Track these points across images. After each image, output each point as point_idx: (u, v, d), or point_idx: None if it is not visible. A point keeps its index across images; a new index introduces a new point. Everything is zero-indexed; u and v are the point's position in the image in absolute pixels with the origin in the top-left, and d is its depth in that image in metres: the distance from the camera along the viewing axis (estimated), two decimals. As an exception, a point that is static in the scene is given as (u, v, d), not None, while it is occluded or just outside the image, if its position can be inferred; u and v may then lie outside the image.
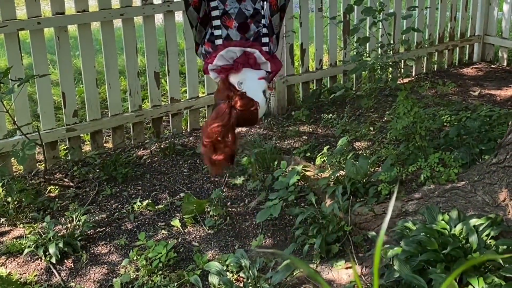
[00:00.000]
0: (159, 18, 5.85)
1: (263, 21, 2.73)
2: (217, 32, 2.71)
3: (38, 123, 4.65)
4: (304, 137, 5.04)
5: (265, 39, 2.73)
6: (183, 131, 5.26)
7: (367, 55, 4.84)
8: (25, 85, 4.32)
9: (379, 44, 4.82)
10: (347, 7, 4.98)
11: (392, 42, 5.50)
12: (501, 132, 4.27)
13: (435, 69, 6.66)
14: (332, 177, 4.02)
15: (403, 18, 4.63)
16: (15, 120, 4.30)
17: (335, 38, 5.92)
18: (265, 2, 2.72)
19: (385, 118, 5.20)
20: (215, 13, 2.71)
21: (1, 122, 4.44)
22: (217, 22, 2.71)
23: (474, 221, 3.10)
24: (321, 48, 5.86)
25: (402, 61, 6.13)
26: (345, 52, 5.97)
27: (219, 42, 2.70)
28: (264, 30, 2.73)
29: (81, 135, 4.87)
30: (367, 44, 5.16)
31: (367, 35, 4.65)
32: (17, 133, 4.21)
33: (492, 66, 6.80)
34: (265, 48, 2.70)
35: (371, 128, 5.01)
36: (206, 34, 2.73)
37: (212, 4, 2.71)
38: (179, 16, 5.23)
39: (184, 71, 5.43)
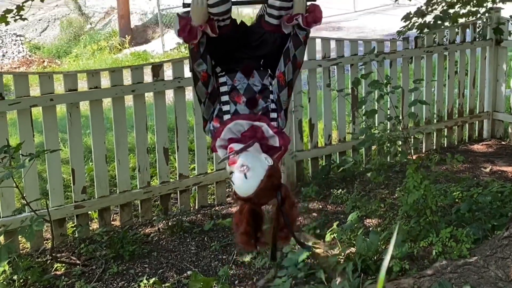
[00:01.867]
0: (169, 97, 5.95)
1: (271, 96, 2.76)
2: (226, 108, 2.72)
3: (46, 200, 4.64)
4: (313, 214, 4.99)
5: (274, 114, 2.74)
6: (191, 208, 5.22)
7: (375, 128, 4.85)
8: (35, 162, 4.34)
9: (388, 117, 4.84)
10: (354, 80, 5.05)
11: (400, 117, 5.53)
12: (513, 207, 4.22)
13: (445, 145, 6.65)
14: (343, 254, 3.94)
15: (410, 91, 4.68)
16: (24, 195, 4.29)
17: (344, 114, 5.95)
18: (274, 79, 2.77)
19: (396, 195, 5.15)
20: (223, 88, 2.74)
21: (10, 198, 4.43)
22: (225, 98, 2.72)
23: (488, 298, 3.02)
24: (329, 123, 5.88)
25: (412, 136, 6.13)
26: (353, 127, 5.98)
27: (227, 117, 2.70)
28: (273, 106, 2.75)
29: (89, 212, 4.84)
30: (376, 116, 5.19)
31: (375, 108, 4.68)
32: (26, 210, 4.20)
33: (503, 142, 6.78)
34: (273, 123, 2.70)
35: (382, 205, 4.96)
36: (215, 110, 2.73)
37: (221, 80, 2.75)
38: (189, 95, 5.29)
39: (193, 148, 5.45)
